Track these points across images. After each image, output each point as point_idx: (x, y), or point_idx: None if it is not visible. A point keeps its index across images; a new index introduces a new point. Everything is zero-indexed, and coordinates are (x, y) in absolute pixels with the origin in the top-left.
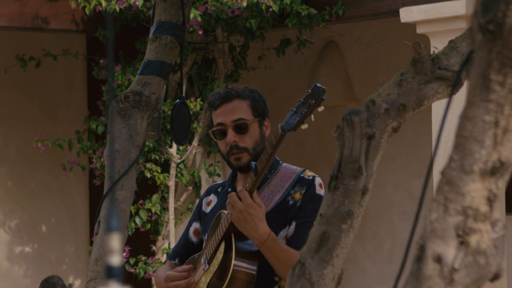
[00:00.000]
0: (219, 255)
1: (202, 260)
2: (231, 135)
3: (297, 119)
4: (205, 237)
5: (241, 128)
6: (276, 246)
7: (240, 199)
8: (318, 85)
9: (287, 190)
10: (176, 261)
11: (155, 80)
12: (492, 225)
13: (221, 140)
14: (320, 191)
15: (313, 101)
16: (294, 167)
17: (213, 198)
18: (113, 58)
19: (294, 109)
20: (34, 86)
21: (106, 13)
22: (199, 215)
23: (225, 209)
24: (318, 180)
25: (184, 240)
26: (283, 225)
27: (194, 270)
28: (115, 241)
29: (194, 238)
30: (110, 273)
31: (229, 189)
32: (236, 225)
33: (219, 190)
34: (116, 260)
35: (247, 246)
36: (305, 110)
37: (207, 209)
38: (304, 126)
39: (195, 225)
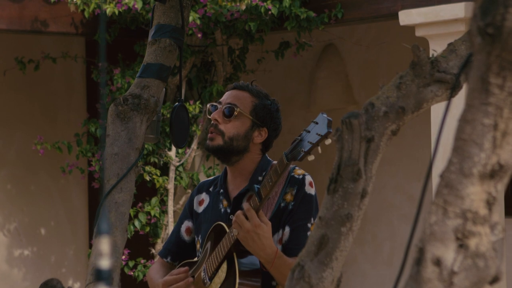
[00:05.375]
0: (222, 274)
1: (202, 274)
2: (217, 113)
3: (304, 150)
4: (199, 238)
5: (228, 111)
6: (282, 263)
7: (247, 218)
8: (324, 115)
9: (281, 195)
10: (168, 259)
11: (154, 83)
12: (491, 228)
13: (209, 116)
14: (310, 190)
15: (321, 134)
16: None
17: (205, 197)
18: (105, 59)
19: (299, 138)
20: (33, 89)
21: (101, 14)
22: (191, 213)
23: (216, 211)
24: (308, 179)
25: (176, 237)
26: (276, 229)
27: (193, 281)
28: (105, 244)
29: (186, 237)
30: (100, 276)
31: (221, 190)
32: (244, 245)
33: (210, 189)
34: (105, 263)
35: (248, 263)
36: (312, 142)
37: (199, 209)
38: (311, 158)
39: (187, 223)
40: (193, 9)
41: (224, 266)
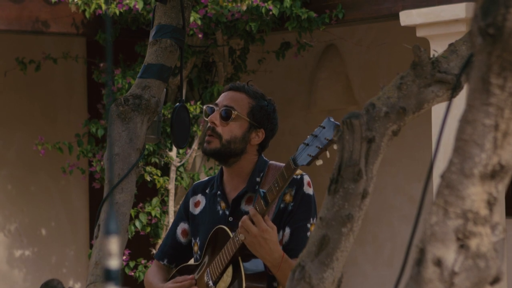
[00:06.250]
0: (227, 278)
1: (206, 278)
2: (214, 116)
3: (312, 155)
4: (196, 240)
5: (225, 114)
6: (288, 267)
7: (253, 223)
8: (331, 119)
9: (280, 196)
10: (165, 262)
11: (155, 83)
12: (492, 229)
13: (206, 118)
14: (309, 190)
15: (329, 139)
16: (282, 164)
17: (200, 198)
18: (112, 61)
19: (306, 143)
20: (34, 89)
21: (105, 16)
22: (186, 215)
23: (214, 213)
24: (306, 179)
25: (172, 239)
26: (277, 230)
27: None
28: (113, 244)
29: (182, 239)
30: (108, 276)
31: (218, 192)
32: (251, 250)
33: (207, 191)
34: (114, 263)
35: (254, 267)
36: (320, 147)
37: (195, 211)
38: (319, 162)
39: (183, 225)
40: (194, 9)
41: (230, 270)
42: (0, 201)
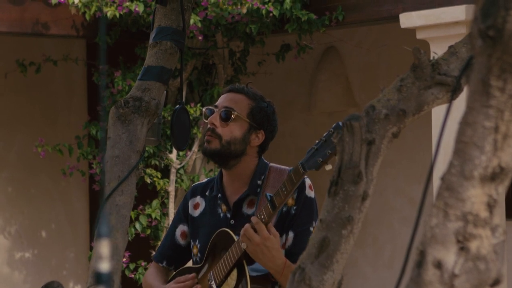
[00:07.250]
0: (231, 281)
1: (209, 281)
2: (214, 117)
3: (321, 159)
4: (196, 242)
5: (225, 115)
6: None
7: (255, 231)
8: (341, 124)
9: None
10: (164, 263)
11: (155, 85)
12: (492, 231)
13: (206, 120)
14: (311, 193)
15: None
16: (283, 167)
17: (200, 201)
18: (106, 61)
19: (315, 147)
20: (34, 91)
21: (102, 18)
22: (185, 217)
23: (215, 215)
24: (307, 182)
25: (171, 241)
26: (280, 234)
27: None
28: (104, 247)
29: (181, 241)
30: (99, 279)
31: (219, 194)
32: (253, 258)
33: (207, 193)
34: (104, 266)
35: (258, 269)
36: (330, 151)
37: (195, 213)
38: (328, 167)
39: (182, 227)
40: (194, 11)
41: (234, 273)
42: (0, 203)
